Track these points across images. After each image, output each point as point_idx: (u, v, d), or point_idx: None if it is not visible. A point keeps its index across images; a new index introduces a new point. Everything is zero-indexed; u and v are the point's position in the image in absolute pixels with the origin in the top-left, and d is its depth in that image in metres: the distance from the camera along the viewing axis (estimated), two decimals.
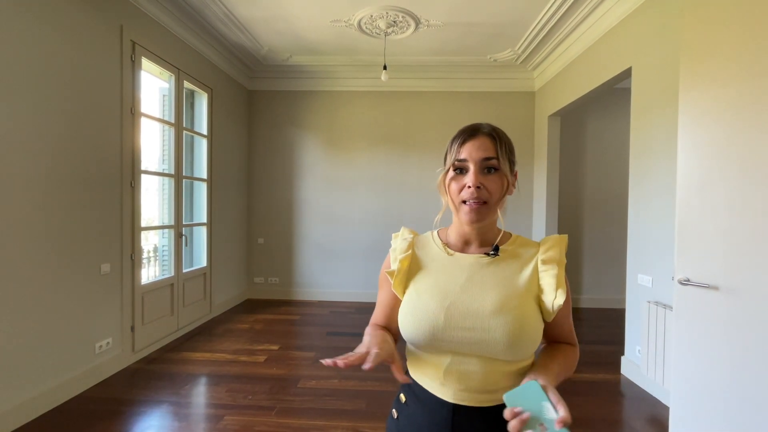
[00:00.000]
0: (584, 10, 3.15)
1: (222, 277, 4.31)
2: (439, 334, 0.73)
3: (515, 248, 0.81)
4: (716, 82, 1.49)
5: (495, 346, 0.70)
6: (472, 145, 0.76)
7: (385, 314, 0.87)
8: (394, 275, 0.82)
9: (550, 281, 0.74)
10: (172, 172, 3.44)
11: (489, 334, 0.71)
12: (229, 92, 4.42)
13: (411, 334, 0.76)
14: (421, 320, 0.74)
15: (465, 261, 0.80)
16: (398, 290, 0.82)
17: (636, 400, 2.47)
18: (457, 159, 0.77)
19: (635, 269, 2.79)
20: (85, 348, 2.50)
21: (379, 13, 3.34)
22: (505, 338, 0.70)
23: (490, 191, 0.75)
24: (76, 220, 2.41)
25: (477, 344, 0.72)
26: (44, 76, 2.19)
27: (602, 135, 4.71)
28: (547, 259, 0.77)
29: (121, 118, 2.75)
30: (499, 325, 0.70)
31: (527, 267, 0.78)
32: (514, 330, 0.70)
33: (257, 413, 2.25)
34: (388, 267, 0.86)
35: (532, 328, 0.72)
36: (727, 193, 1.46)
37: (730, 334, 1.45)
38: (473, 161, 0.75)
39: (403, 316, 0.78)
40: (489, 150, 0.76)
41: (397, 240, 0.89)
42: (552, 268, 0.76)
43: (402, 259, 0.83)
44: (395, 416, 0.83)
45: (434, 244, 0.86)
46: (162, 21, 3.18)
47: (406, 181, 4.81)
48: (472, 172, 0.75)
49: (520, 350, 0.71)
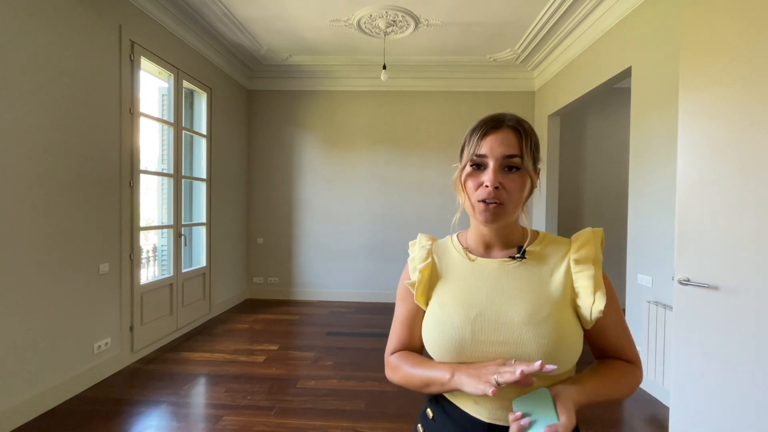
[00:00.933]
0: (584, 9, 3.15)
1: (221, 277, 4.31)
2: (468, 350, 0.67)
3: (543, 248, 0.73)
4: (716, 82, 1.49)
5: (530, 361, 0.63)
6: (494, 140, 0.68)
7: (409, 329, 0.79)
8: (415, 286, 0.76)
9: (586, 283, 0.67)
10: (171, 171, 3.43)
11: (522, 348, 0.63)
12: (228, 92, 4.42)
13: (436, 349, 0.70)
14: (446, 335, 0.68)
15: (489, 267, 0.73)
16: (421, 301, 0.76)
17: (636, 400, 2.47)
18: (476, 154, 0.69)
19: (635, 269, 2.78)
20: (84, 348, 2.49)
21: (379, 13, 3.33)
22: (541, 351, 0.62)
23: (509, 192, 0.67)
24: (74, 219, 2.41)
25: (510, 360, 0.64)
26: (42, 75, 2.19)
27: (602, 135, 4.71)
28: (580, 258, 0.69)
29: (120, 118, 2.75)
30: (532, 338, 0.63)
31: (559, 269, 0.70)
32: (550, 342, 0.63)
33: (256, 413, 2.24)
34: (407, 278, 0.79)
35: (571, 339, 0.65)
36: (728, 193, 1.46)
37: (730, 334, 1.45)
38: (494, 158, 0.67)
39: (427, 331, 0.72)
40: (512, 146, 0.68)
41: (414, 248, 0.82)
42: (587, 268, 0.68)
43: (422, 268, 0.76)
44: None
45: (454, 250, 0.78)
46: (161, 20, 3.17)
47: (406, 181, 4.80)
48: (491, 170, 0.67)
49: (559, 364, 0.63)
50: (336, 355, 3.11)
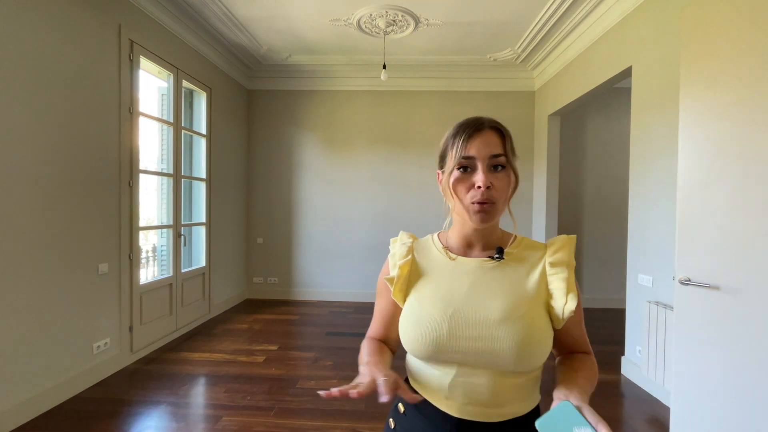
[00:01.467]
0: (584, 8, 3.14)
1: (221, 277, 4.30)
2: (444, 345, 0.69)
3: (521, 251, 0.76)
4: (717, 81, 1.48)
5: (503, 357, 0.66)
6: (480, 141, 0.70)
7: (384, 324, 0.83)
8: (393, 282, 0.78)
9: (560, 285, 0.70)
10: (170, 171, 3.43)
11: (496, 344, 0.67)
12: (228, 92, 4.41)
13: (413, 345, 0.72)
14: (424, 330, 0.70)
15: (468, 265, 0.75)
16: (398, 298, 0.78)
17: (636, 401, 2.46)
18: (463, 156, 0.70)
19: (635, 269, 2.78)
20: (83, 348, 2.49)
21: (379, 12, 3.32)
22: (514, 348, 0.66)
23: (499, 190, 0.70)
24: (73, 219, 2.40)
25: (483, 355, 0.68)
26: (41, 75, 2.18)
27: (602, 134, 4.70)
28: (555, 261, 0.73)
29: (119, 118, 2.74)
30: (506, 334, 0.66)
31: (535, 271, 0.73)
32: (524, 339, 0.66)
33: (256, 414, 2.23)
34: (386, 274, 0.81)
35: (542, 337, 0.68)
36: (729, 192, 1.45)
37: (731, 334, 1.44)
38: (482, 158, 0.70)
39: (404, 327, 0.74)
40: (497, 146, 0.71)
41: (395, 245, 0.84)
42: (561, 271, 0.71)
43: (402, 264, 0.78)
44: (392, 426, 0.79)
45: (435, 249, 0.81)
46: (160, 20, 3.16)
47: (406, 181, 4.80)
48: (480, 171, 0.69)
49: (530, 360, 0.67)
50: (336, 355, 3.11)
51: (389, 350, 0.84)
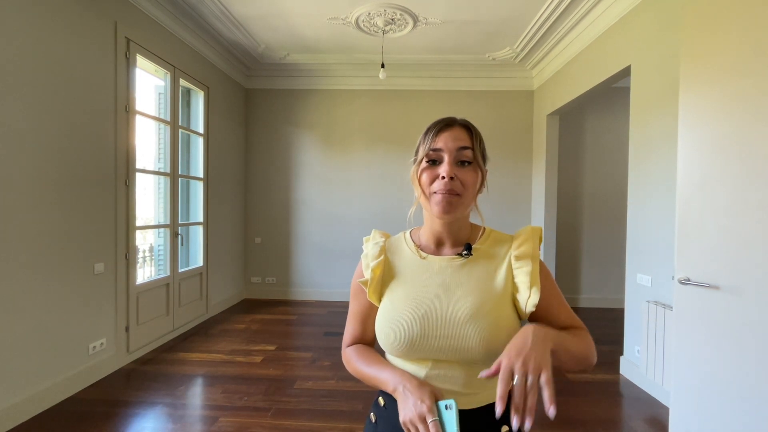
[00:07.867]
0: (583, 7, 3.14)
1: (218, 276, 4.28)
2: (417, 344, 0.72)
3: (489, 246, 0.79)
4: (717, 80, 1.47)
5: (472, 352, 0.70)
6: (448, 135, 0.74)
7: (362, 323, 0.86)
8: (367, 285, 0.80)
9: (524, 279, 0.73)
10: (167, 170, 3.41)
11: (464, 342, 0.70)
12: (225, 90, 4.39)
13: (388, 344, 0.75)
14: (398, 331, 0.73)
15: (438, 264, 0.78)
16: (373, 299, 0.80)
17: (635, 401, 2.46)
18: (431, 149, 0.74)
19: (634, 269, 2.77)
20: (79, 348, 2.47)
21: (377, 11, 3.31)
22: (482, 344, 0.69)
23: (464, 184, 0.73)
24: (69, 218, 2.38)
25: (454, 351, 0.71)
26: (37, 73, 2.16)
27: (601, 134, 4.70)
28: (520, 254, 0.75)
29: (115, 116, 2.72)
30: (474, 332, 0.69)
31: (501, 266, 0.76)
32: (491, 336, 0.69)
33: (253, 415, 2.22)
34: (360, 276, 0.83)
35: (507, 332, 0.70)
36: (729, 192, 1.44)
37: (731, 334, 1.44)
38: (448, 151, 0.73)
39: (379, 328, 0.77)
40: (465, 140, 0.74)
41: (368, 244, 0.86)
42: (525, 264, 0.73)
43: (374, 266, 0.80)
44: (373, 420, 0.81)
45: (407, 248, 0.83)
46: (157, 18, 3.14)
47: (404, 181, 4.78)
48: (446, 162, 0.72)
49: (498, 352, 0.67)
50: (334, 355, 3.09)
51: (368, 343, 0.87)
